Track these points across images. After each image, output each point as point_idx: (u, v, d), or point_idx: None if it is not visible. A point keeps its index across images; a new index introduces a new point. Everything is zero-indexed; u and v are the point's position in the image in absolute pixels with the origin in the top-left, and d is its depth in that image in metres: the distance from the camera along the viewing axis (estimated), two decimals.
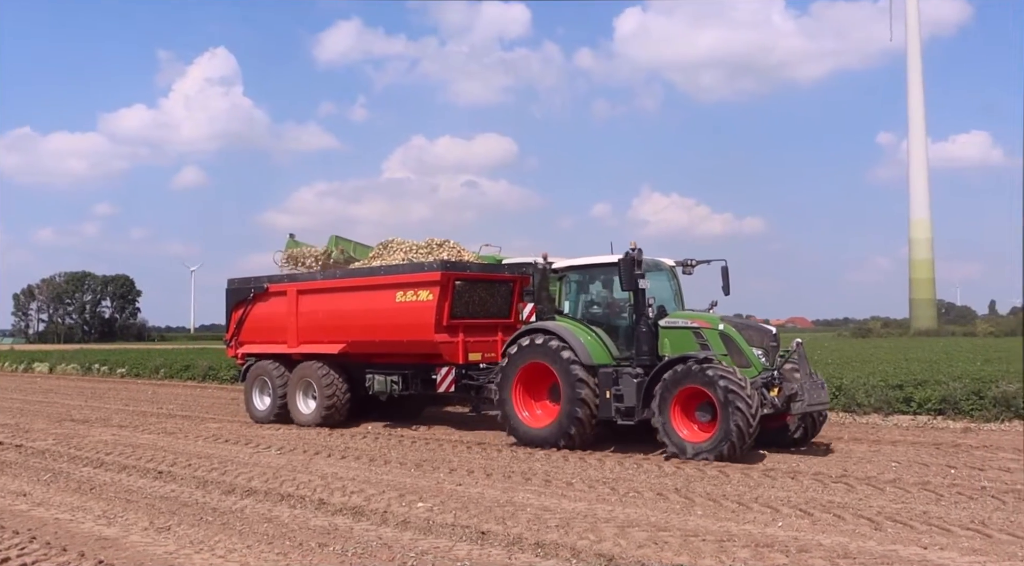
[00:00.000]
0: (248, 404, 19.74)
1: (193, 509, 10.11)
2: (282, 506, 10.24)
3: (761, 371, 13.47)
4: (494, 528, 8.82)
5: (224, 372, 34.82)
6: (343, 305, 18.03)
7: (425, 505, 10.04)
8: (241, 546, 8.36)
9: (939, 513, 9.30)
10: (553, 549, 8.00)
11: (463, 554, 7.96)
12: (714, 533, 8.50)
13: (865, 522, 8.92)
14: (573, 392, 14.08)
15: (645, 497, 10.40)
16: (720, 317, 14.19)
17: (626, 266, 13.84)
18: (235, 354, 20.69)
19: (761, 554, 7.69)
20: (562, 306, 15.47)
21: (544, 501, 10.21)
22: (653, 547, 7.97)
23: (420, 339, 16.63)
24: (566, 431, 14.22)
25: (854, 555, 7.62)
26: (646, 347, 14.11)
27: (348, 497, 10.57)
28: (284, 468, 12.87)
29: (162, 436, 17.08)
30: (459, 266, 17.12)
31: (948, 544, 8.00)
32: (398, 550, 8.12)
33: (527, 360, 14.78)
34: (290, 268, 20.74)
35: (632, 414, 13.81)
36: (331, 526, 9.16)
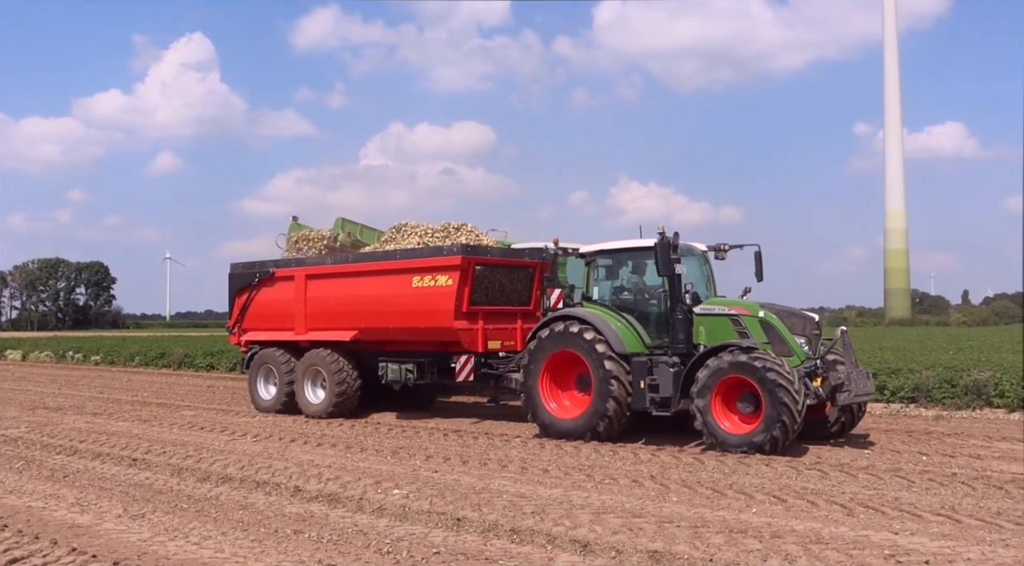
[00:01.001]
0: (252, 393, 19.12)
1: (168, 496, 10.07)
2: (257, 493, 10.22)
3: (804, 360, 12.91)
4: (470, 515, 8.83)
5: (200, 359, 34.73)
6: (355, 290, 17.37)
7: (401, 492, 10.04)
8: (216, 533, 8.34)
9: (910, 499, 9.40)
10: (528, 535, 8.02)
11: (439, 540, 7.97)
12: (688, 519, 8.55)
13: (838, 508, 9.01)
14: (605, 382, 13.48)
15: (621, 484, 10.45)
16: (760, 304, 13.61)
17: (663, 250, 13.30)
18: (238, 342, 19.99)
19: (735, 540, 7.74)
20: (591, 292, 14.79)
21: (520, 488, 10.24)
22: (628, 533, 8.02)
23: (438, 326, 16.06)
24: (597, 423, 13.61)
25: (826, 540, 7.69)
26: (682, 335, 13.52)
27: (324, 484, 10.55)
28: (260, 455, 12.83)
29: (137, 424, 16.98)
30: (479, 250, 16.42)
31: (919, 529, 8.09)
32: (373, 537, 8.12)
33: (555, 348, 14.18)
34: (295, 252, 20.08)
35: (668, 405, 13.23)
36: (306, 513, 9.15)
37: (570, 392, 14.48)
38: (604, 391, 13.48)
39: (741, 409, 12.64)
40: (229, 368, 32.79)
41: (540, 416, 14.35)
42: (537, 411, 14.38)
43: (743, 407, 12.61)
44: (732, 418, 12.67)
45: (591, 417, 13.69)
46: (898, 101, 74.82)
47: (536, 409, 14.38)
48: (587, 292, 14.80)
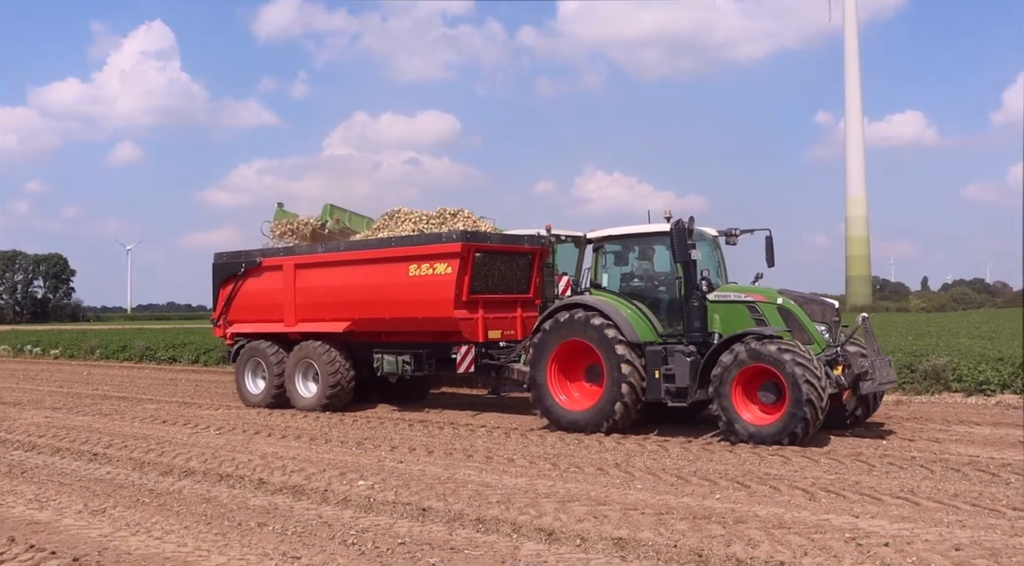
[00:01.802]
0: (240, 388, 18.45)
1: (129, 491, 9.96)
2: (221, 486, 10.14)
3: (824, 348, 12.58)
4: (435, 505, 8.83)
5: (162, 352, 34.37)
6: (348, 280, 16.79)
7: (366, 483, 10.00)
8: (179, 527, 8.26)
9: (871, 483, 9.53)
10: (494, 525, 8.04)
11: (404, 531, 7.96)
12: (653, 506, 8.60)
13: (800, 493, 9.11)
14: (618, 372, 13.00)
15: (586, 472, 10.49)
16: (778, 290, 13.28)
17: (679, 236, 12.85)
18: (223, 334, 19.32)
19: (699, 526, 7.80)
20: (599, 279, 14.30)
21: (485, 477, 10.25)
22: (593, 521, 8.05)
23: (437, 316, 15.54)
24: (610, 414, 13.15)
25: (789, 525, 7.78)
26: (698, 323, 13.12)
27: (288, 476, 10.49)
28: (223, 448, 12.73)
29: (97, 418, 16.77)
30: (479, 237, 15.86)
31: (879, 512, 8.20)
32: (338, 528, 8.09)
33: (564, 338, 13.67)
34: (280, 240, 19.50)
35: (685, 395, 12.81)
36: (271, 505, 9.10)
37: (579, 383, 14.05)
38: (617, 382, 13.06)
39: (762, 399, 12.28)
40: (191, 360, 32.50)
41: (548, 408, 13.89)
42: (545, 403, 13.91)
43: (764, 397, 12.25)
44: (752, 409, 12.30)
45: (603, 409, 13.25)
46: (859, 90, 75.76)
47: (544, 401, 13.92)
48: (595, 279, 14.35)
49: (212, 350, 32.64)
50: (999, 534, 7.36)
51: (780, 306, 12.89)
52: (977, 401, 16.74)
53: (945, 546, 7.01)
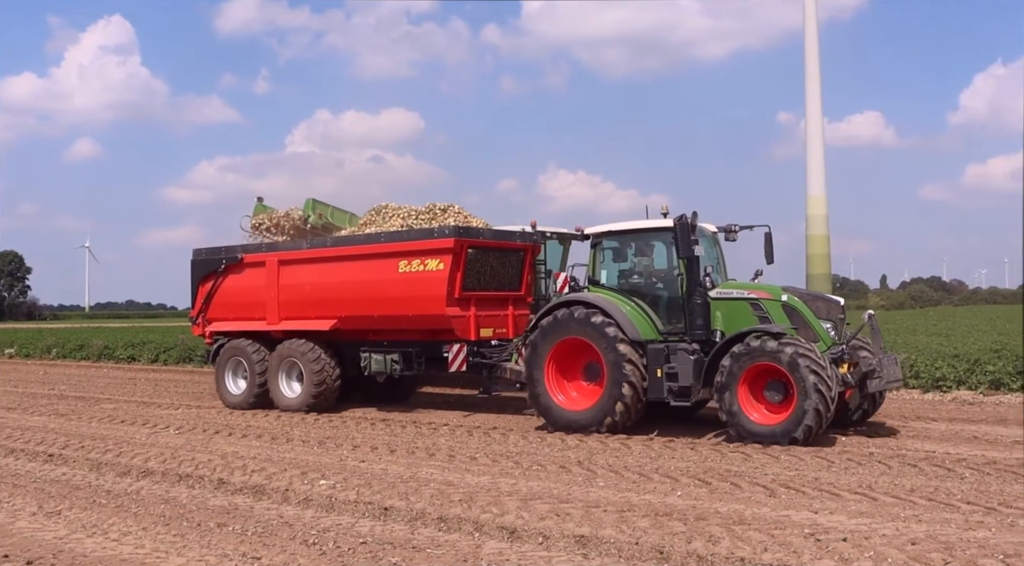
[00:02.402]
0: (220, 388, 17.89)
1: (86, 492, 9.81)
2: (180, 487, 10.03)
3: (830, 346, 12.38)
4: (397, 504, 8.79)
5: (120, 351, 33.98)
6: (334, 277, 16.30)
7: (328, 482, 9.94)
8: (136, 528, 8.16)
9: (830, 479, 9.62)
10: (456, 523, 8.02)
11: (366, 530, 7.92)
12: (615, 503, 8.63)
13: (760, 489, 9.18)
14: (619, 371, 12.71)
15: (548, 470, 10.50)
16: (783, 287, 13.10)
17: (683, 231, 12.62)
18: (202, 333, 18.76)
19: (660, 523, 7.84)
20: (597, 276, 13.96)
21: (448, 476, 10.22)
22: (555, 519, 8.06)
23: (428, 314, 15.19)
24: (610, 414, 12.86)
25: (749, 521, 7.84)
26: (701, 321, 12.84)
27: (249, 476, 10.40)
28: (183, 448, 12.59)
29: (53, 418, 16.51)
30: (472, 232, 15.56)
31: (837, 508, 8.29)
32: (299, 528, 8.03)
33: (562, 336, 13.35)
34: (260, 236, 19.00)
35: (688, 394, 12.57)
36: (231, 506, 9.01)
37: (577, 382, 13.72)
38: (617, 381, 12.76)
39: (769, 398, 12.03)
40: (151, 359, 32.14)
41: (547, 408, 13.57)
42: (543, 403, 13.58)
43: (771, 396, 12.01)
44: (759, 408, 12.06)
45: (603, 408, 12.96)
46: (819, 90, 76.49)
47: (541, 401, 13.59)
48: (593, 276, 14.02)
49: (172, 349, 32.33)
50: (954, 528, 7.47)
51: (785, 303, 12.71)
52: (934, 397, 17.01)
53: (901, 540, 7.10)
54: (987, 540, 7.07)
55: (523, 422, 14.80)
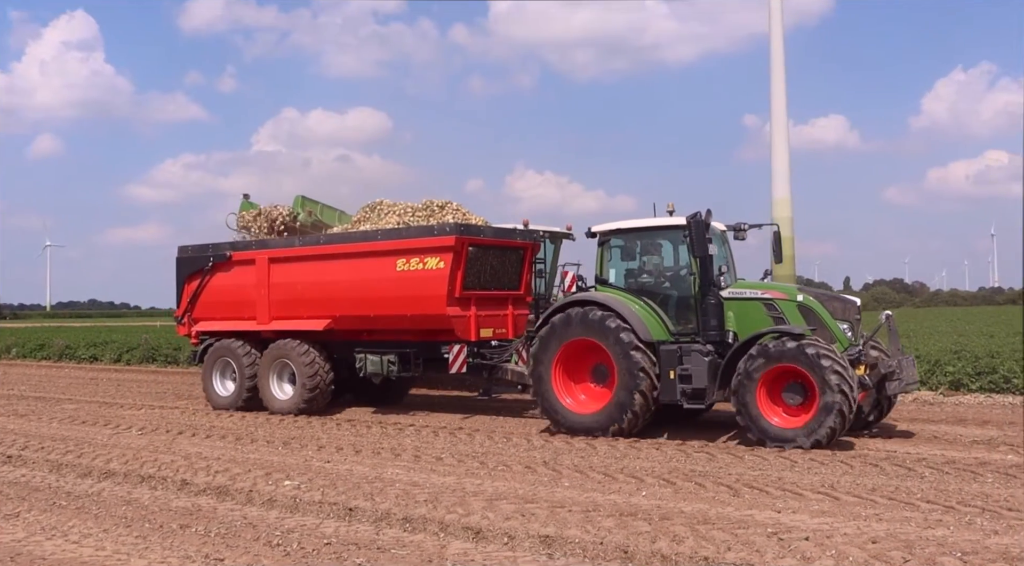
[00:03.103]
0: (208, 390, 17.35)
1: (45, 494, 9.68)
2: (142, 488, 9.93)
3: (847, 347, 12.09)
4: (362, 504, 8.76)
5: (82, 351, 33.61)
6: (328, 275, 15.83)
7: (292, 483, 9.88)
8: (97, 530, 8.07)
9: (793, 479, 9.71)
10: (421, 524, 8.01)
11: (330, 531, 7.88)
12: (580, 503, 8.65)
13: (724, 489, 9.25)
14: (631, 373, 12.36)
15: (514, 470, 10.51)
16: (798, 287, 12.94)
17: (698, 229, 12.33)
18: (188, 333, 18.14)
19: (625, 523, 7.87)
20: (605, 275, 13.58)
21: (413, 476, 10.20)
22: (520, 519, 8.07)
23: (428, 313, 14.78)
24: (621, 417, 12.50)
25: (713, 521, 7.89)
26: (715, 321, 12.56)
27: (212, 477, 10.31)
28: (145, 449, 12.46)
29: (12, 418, 16.27)
30: (472, 230, 15.15)
31: (800, 507, 8.37)
32: (263, 529, 7.98)
33: (571, 337, 12.97)
34: (248, 233, 18.38)
35: (702, 396, 12.26)
36: (194, 507, 8.94)
37: (584, 384, 13.34)
38: (628, 383, 12.41)
39: (787, 401, 11.71)
40: (114, 359, 31.80)
41: (554, 411, 13.17)
42: (550, 406, 13.19)
43: (789, 399, 11.69)
44: (776, 411, 11.74)
45: (613, 411, 12.60)
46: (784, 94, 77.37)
47: (549, 403, 13.19)
48: (601, 275, 13.64)
49: (135, 349, 32.02)
50: (913, 526, 7.57)
51: (801, 303, 12.44)
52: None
53: (862, 539, 7.18)
54: (945, 538, 7.17)
55: (488, 422, 14.82)
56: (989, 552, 6.77)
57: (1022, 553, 6.72)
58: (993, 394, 16.96)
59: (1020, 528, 7.47)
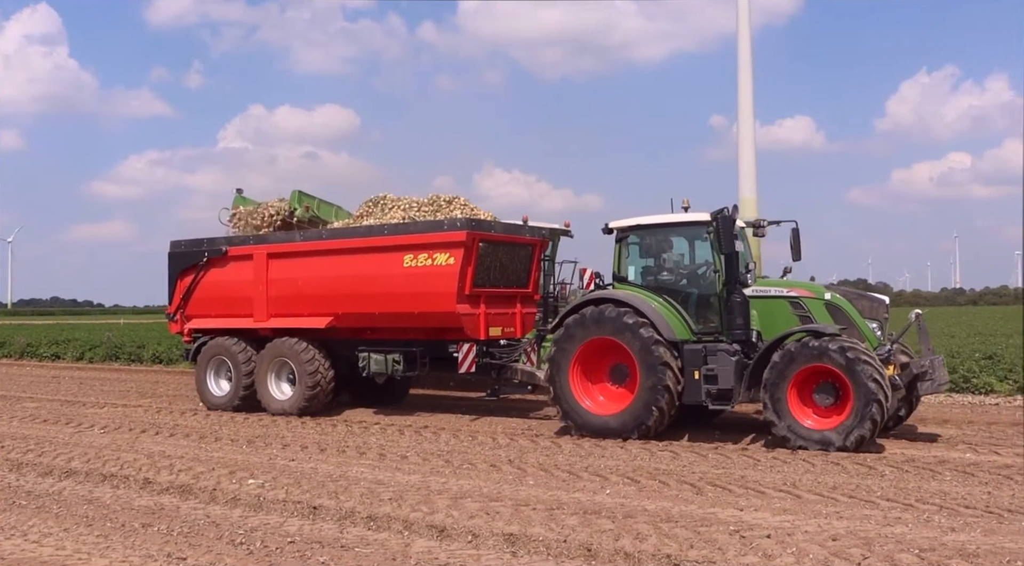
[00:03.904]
0: (201, 389, 16.82)
1: (4, 493, 9.57)
2: (104, 487, 9.84)
3: (876, 346, 11.76)
4: (326, 503, 8.74)
5: (44, 349, 33.22)
6: (331, 271, 15.34)
7: (256, 481, 9.84)
8: (58, 529, 7.99)
9: (755, 477, 9.81)
10: (385, 522, 8.00)
11: (294, 530, 7.86)
12: (545, 502, 8.69)
13: (688, 487, 9.32)
14: (654, 374, 12.00)
15: (479, 468, 10.53)
16: (825, 285, 12.62)
17: (725, 225, 12.08)
18: (180, 330, 17.58)
19: (589, 521, 7.91)
20: (624, 272, 13.21)
21: (378, 475, 10.19)
22: (485, 517, 8.09)
23: (437, 311, 14.34)
24: (644, 419, 12.14)
25: (676, 518, 7.95)
26: (740, 320, 12.20)
27: (175, 475, 10.24)
28: (108, 447, 12.34)
29: None
30: (483, 225, 14.68)
31: (762, 505, 8.46)
32: (226, 528, 7.95)
33: (590, 336, 12.60)
34: (241, 229, 17.79)
35: (728, 397, 11.97)
36: (156, 505, 8.87)
37: (602, 384, 12.96)
38: (652, 383, 12.05)
39: (818, 402, 11.46)
40: (76, 357, 31.44)
41: (573, 413, 12.77)
42: (569, 407, 12.79)
43: (820, 399, 11.44)
44: (807, 412, 11.48)
45: (636, 412, 12.22)
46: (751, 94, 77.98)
47: (567, 405, 12.79)
48: (619, 272, 13.23)
49: (98, 347, 31.72)
50: (873, 524, 7.67)
51: (828, 302, 12.18)
52: None
53: (823, 537, 7.27)
54: (904, 535, 7.28)
55: (454, 421, 14.81)
56: (946, 549, 6.88)
57: (978, 549, 6.84)
58: (953, 394, 17.20)
59: (977, 525, 7.60)
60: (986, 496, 8.70)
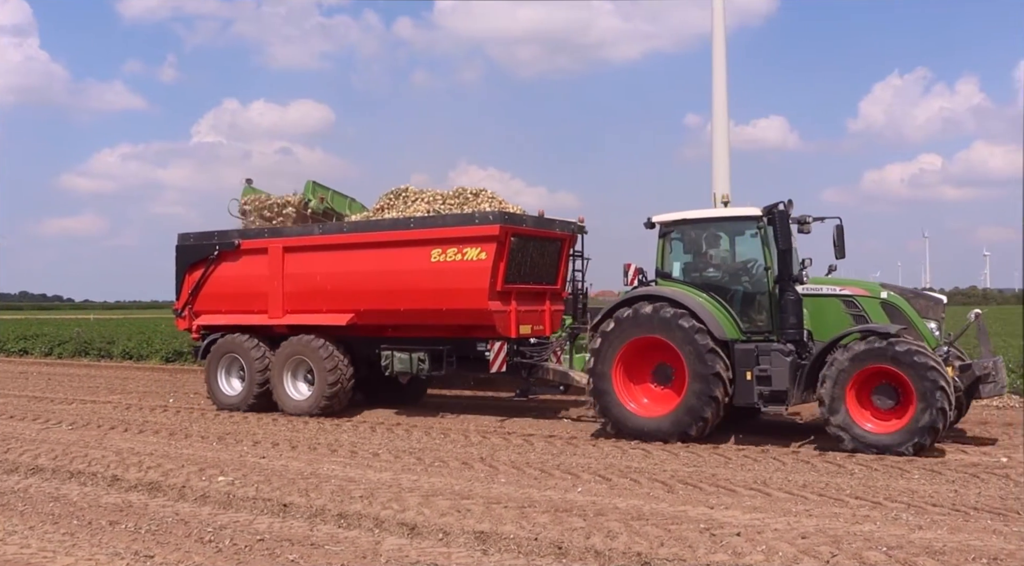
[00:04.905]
0: (212, 388, 16.13)
1: None
2: (71, 484, 9.73)
3: (935, 347, 11.38)
4: (297, 500, 8.69)
5: (11, 344, 32.88)
6: (352, 266, 14.74)
7: (226, 479, 9.77)
8: (23, 527, 7.89)
9: (726, 475, 9.85)
10: (356, 520, 7.97)
11: (264, 527, 7.81)
12: (516, 500, 8.68)
13: (659, 485, 9.35)
14: (705, 374, 11.57)
15: (451, 466, 10.50)
16: (881, 283, 12.16)
17: (781, 221, 11.73)
18: (188, 327, 16.92)
19: (560, 519, 7.92)
20: (668, 268, 12.78)
21: (349, 472, 10.15)
22: (456, 515, 8.07)
23: (467, 308, 13.80)
24: (693, 421, 11.71)
25: (647, 517, 7.97)
26: (794, 319, 11.80)
27: (144, 472, 10.15)
28: (75, 444, 12.21)
29: None
30: (516, 219, 14.11)
31: (733, 503, 8.49)
32: (195, 525, 7.88)
33: (635, 334, 12.11)
34: (252, 221, 17.18)
35: (783, 399, 11.56)
36: (124, 503, 8.79)
37: (644, 385, 12.48)
38: (702, 385, 11.63)
39: (877, 404, 11.05)
40: (44, 352, 31.09)
41: (616, 416, 12.27)
42: (611, 409, 12.28)
43: (879, 402, 11.03)
44: (866, 415, 11.07)
45: (685, 414, 11.79)
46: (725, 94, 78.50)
47: (611, 408, 12.28)
48: (663, 268, 12.80)
49: (67, 342, 31.39)
50: (842, 522, 7.73)
51: (885, 301, 11.84)
52: None
53: (793, 534, 7.31)
54: (872, 533, 7.34)
55: (426, 419, 14.77)
56: (913, 546, 6.94)
57: (944, 547, 6.90)
58: None
59: (943, 523, 7.67)
60: (952, 494, 8.78)
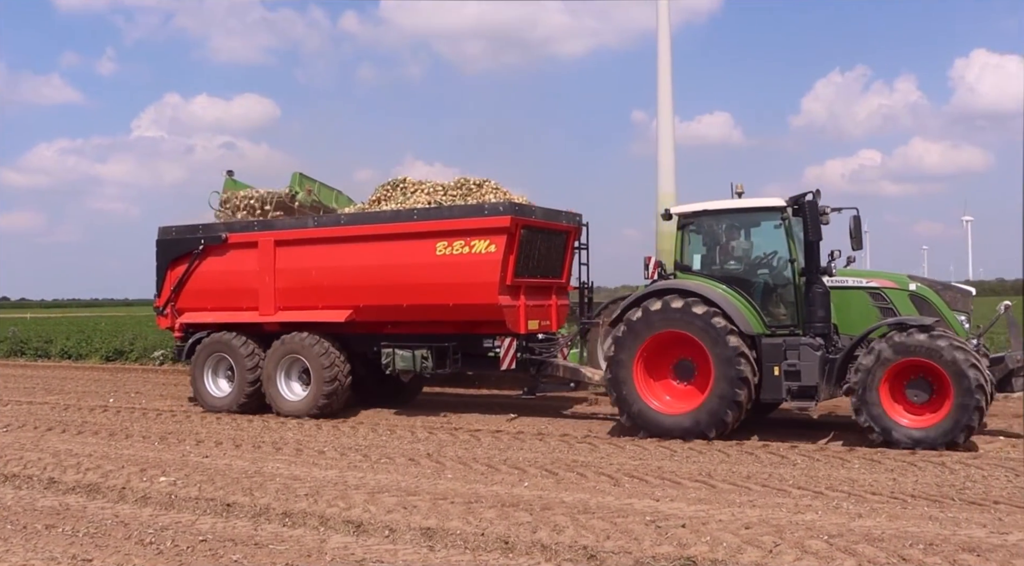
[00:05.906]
0: (199, 390, 15.42)
1: None
2: (5, 488, 9.51)
3: (965, 340, 11.08)
4: (241, 499, 8.58)
5: None
6: (350, 260, 14.17)
7: (168, 479, 9.61)
8: None
9: (672, 468, 9.93)
10: (301, 518, 7.89)
11: (206, 528, 7.70)
12: (463, 495, 8.66)
13: (606, 479, 9.39)
14: (732, 369, 11.24)
15: (397, 463, 10.45)
16: (909, 275, 11.95)
17: (812, 211, 11.48)
18: (171, 325, 16.13)
19: (507, 513, 7.91)
20: (688, 261, 12.48)
21: (294, 470, 10.04)
22: (402, 511, 8.03)
23: (476, 303, 13.27)
24: (721, 417, 11.37)
25: (593, 510, 8.00)
26: (822, 312, 11.54)
27: (83, 474, 9.94)
28: (10, 446, 11.91)
29: None
30: (525, 210, 13.57)
31: (678, 495, 8.56)
32: (136, 527, 7.74)
33: (657, 329, 11.75)
34: (235, 215, 16.48)
35: (812, 394, 11.34)
36: (62, 506, 8.61)
37: (665, 381, 12.13)
38: (729, 380, 11.30)
39: (911, 398, 10.81)
40: None
41: (638, 413, 11.89)
42: (632, 406, 11.91)
43: (913, 396, 10.79)
44: (899, 409, 10.84)
45: (712, 411, 11.43)
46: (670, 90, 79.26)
47: (632, 405, 11.91)
48: (682, 261, 12.48)
49: (2, 342, 30.64)
50: (785, 512, 7.83)
51: (913, 293, 11.63)
52: None
53: (736, 525, 7.39)
54: (814, 522, 7.44)
55: (373, 416, 14.67)
56: (853, 534, 7.05)
57: (883, 534, 7.02)
58: None
59: (882, 511, 7.81)
60: (891, 483, 8.94)
